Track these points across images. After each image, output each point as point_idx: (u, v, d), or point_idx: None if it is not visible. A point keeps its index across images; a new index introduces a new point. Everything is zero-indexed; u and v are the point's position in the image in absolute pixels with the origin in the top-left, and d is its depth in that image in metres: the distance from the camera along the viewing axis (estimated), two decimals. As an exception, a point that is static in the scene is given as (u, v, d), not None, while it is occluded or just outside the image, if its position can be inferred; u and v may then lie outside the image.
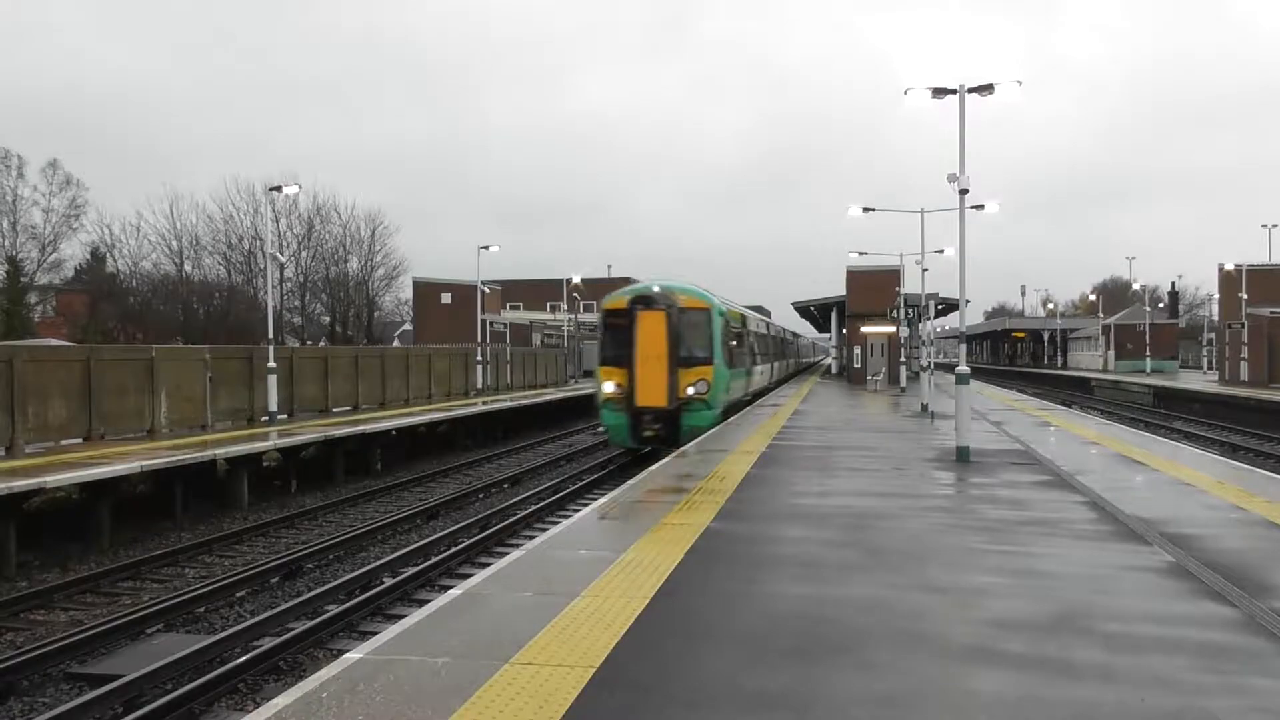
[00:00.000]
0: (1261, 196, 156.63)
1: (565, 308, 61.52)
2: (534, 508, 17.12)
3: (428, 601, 7.75)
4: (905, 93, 17.28)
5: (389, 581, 11.80)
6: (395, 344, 64.25)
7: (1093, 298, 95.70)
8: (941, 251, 34.02)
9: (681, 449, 16.92)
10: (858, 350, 46.37)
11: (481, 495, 19.62)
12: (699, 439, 18.85)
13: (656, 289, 22.29)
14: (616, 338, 22.05)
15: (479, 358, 37.14)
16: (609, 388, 22.09)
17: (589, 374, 45.96)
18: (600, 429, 26.29)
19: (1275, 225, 56.95)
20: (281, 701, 4.81)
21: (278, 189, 32.53)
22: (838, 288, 48.45)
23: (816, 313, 62.56)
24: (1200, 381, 51.52)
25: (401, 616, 8.18)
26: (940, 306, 36.00)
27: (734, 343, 25.17)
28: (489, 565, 8.54)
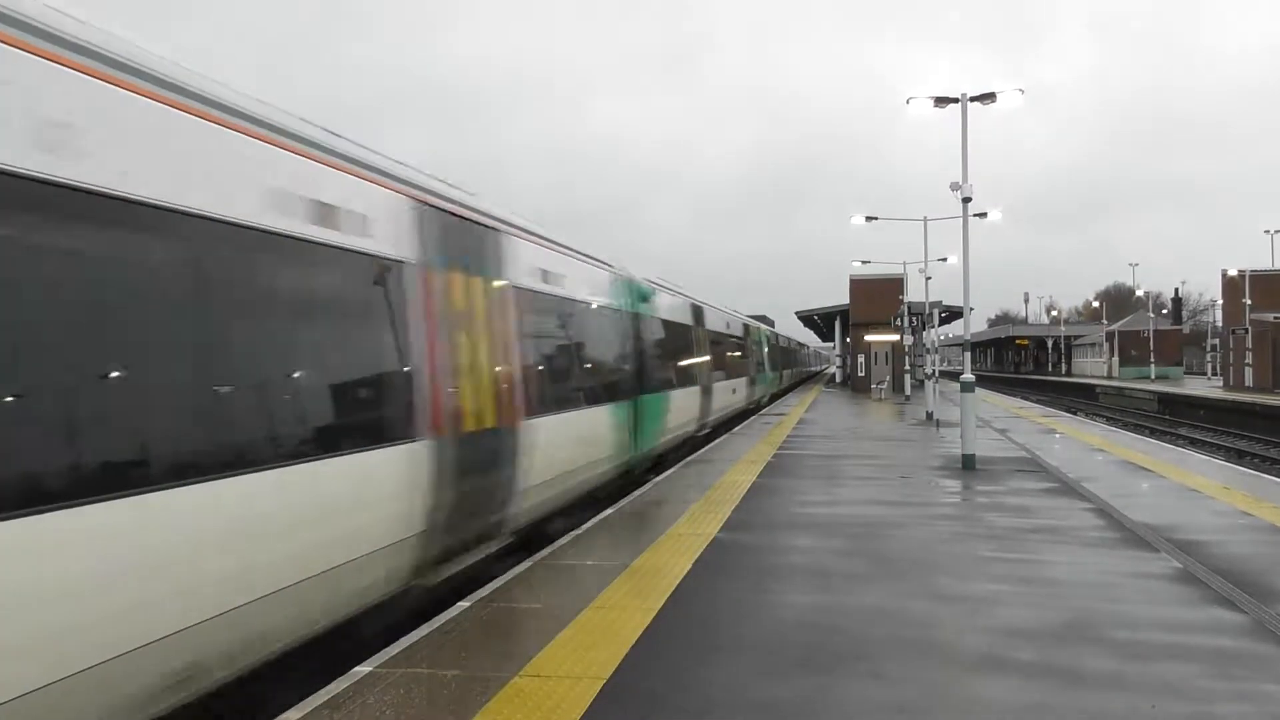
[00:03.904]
0: (1260, 204, 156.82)
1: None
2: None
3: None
4: (908, 101, 17.36)
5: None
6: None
7: (1096, 304, 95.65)
8: (945, 259, 34.09)
9: (687, 459, 16.92)
10: (862, 359, 46.36)
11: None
12: (704, 449, 18.80)
13: None
14: None
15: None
16: None
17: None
18: None
19: (1278, 231, 56.96)
20: (293, 715, 4.82)
21: None
22: (841, 298, 48.49)
23: (820, 322, 62.66)
24: (1205, 387, 51.43)
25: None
26: (944, 314, 35.97)
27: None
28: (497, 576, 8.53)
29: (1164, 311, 78.76)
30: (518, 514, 8.72)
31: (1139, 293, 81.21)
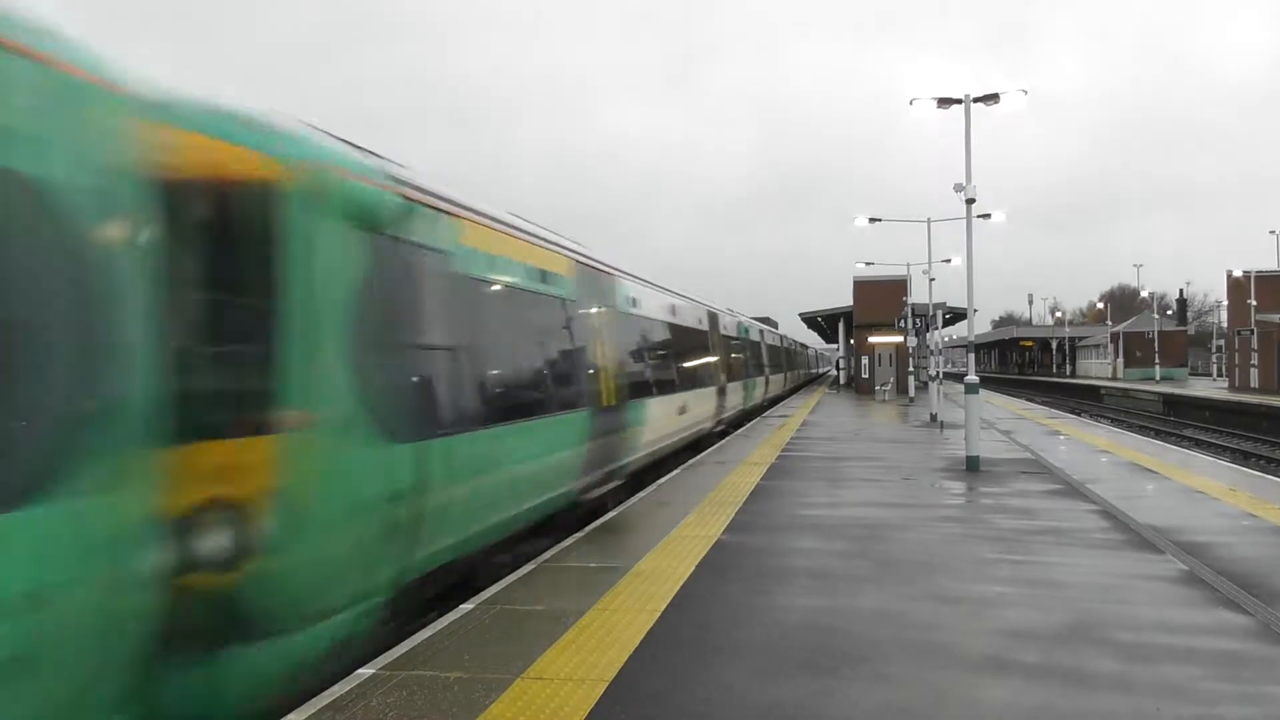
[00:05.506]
0: (1263, 205, 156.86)
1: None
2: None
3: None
4: (911, 103, 17.35)
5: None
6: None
7: (1100, 306, 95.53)
8: (949, 261, 34.04)
9: (690, 461, 16.90)
10: (865, 360, 46.32)
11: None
12: (707, 451, 18.77)
13: None
14: None
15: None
16: None
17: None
18: None
19: (1283, 231, 56.74)
20: (296, 718, 4.82)
21: None
22: (844, 299, 48.48)
23: (824, 323, 62.61)
24: (1210, 388, 51.31)
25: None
26: (948, 316, 35.92)
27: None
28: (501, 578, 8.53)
29: (1169, 312, 78.57)
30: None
31: (1143, 294, 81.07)
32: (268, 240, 5.23)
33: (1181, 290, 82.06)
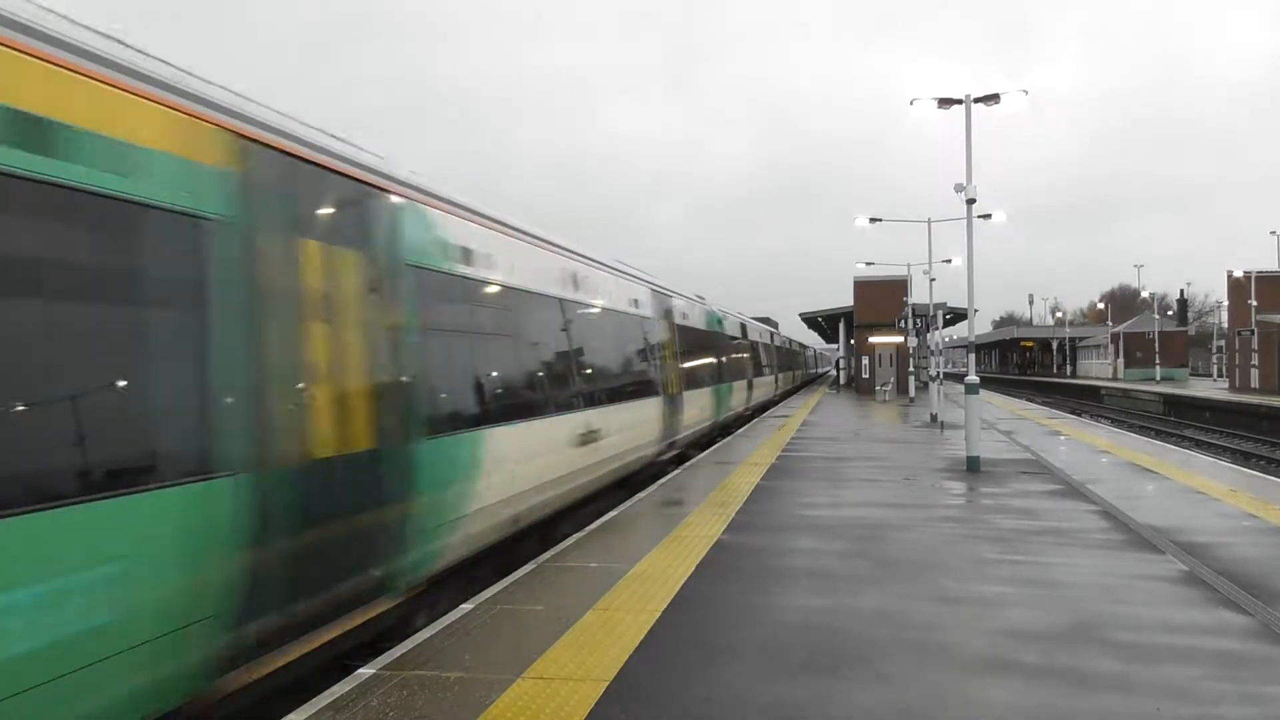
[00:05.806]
0: (1263, 205, 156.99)
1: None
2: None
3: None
4: (911, 103, 17.34)
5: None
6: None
7: (1101, 306, 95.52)
8: (949, 261, 34.05)
9: (690, 461, 16.90)
10: (866, 360, 46.33)
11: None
12: (706, 451, 18.77)
13: None
14: None
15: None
16: None
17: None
18: None
19: (1283, 232, 56.65)
20: (297, 718, 4.81)
21: None
22: (845, 299, 48.50)
23: (824, 324, 62.66)
24: (1210, 389, 51.29)
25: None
26: (948, 316, 35.90)
27: None
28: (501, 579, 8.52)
29: (1169, 313, 78.54)
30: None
31: (1144, 294, 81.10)
32: None
33: (1182, 291, 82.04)
